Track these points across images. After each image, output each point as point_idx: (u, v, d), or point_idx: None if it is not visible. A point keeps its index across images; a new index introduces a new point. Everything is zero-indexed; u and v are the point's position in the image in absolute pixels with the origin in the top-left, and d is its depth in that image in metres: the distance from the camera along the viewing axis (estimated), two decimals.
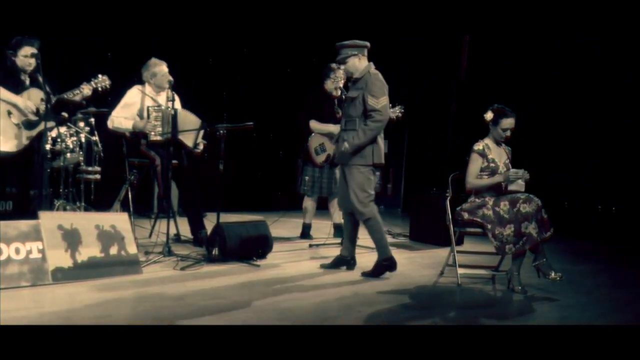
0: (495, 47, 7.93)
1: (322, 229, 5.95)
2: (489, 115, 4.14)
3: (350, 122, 4.22)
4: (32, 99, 4.25)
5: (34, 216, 3.71)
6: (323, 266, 4.46)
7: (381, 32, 8.60)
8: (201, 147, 5.04)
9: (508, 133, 4.11)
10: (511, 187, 3.95)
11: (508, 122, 4.08)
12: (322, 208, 5.99)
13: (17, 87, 4.25)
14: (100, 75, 4.52)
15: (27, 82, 4.32)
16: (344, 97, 5.33)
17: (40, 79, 4.31)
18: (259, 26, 7.87)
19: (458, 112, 8.36)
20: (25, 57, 4.22)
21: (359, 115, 4.16)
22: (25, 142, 4.26)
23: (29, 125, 4.24)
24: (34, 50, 4.23)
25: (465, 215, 4.09)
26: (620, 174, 6.96)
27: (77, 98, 4.44)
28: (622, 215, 6.92)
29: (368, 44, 4.24)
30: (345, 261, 4.45)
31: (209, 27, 7.56)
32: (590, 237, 6.74)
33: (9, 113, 4.18)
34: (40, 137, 4.30)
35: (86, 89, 4.44)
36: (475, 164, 4.10)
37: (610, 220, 7.01)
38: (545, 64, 7.52)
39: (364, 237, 6.02)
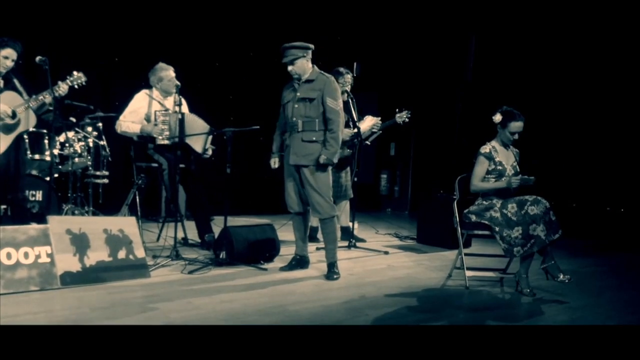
0: (502, 48, 7.91)
1: None
2: (497, 118, 4.12)
3: (309, 123, 4.20)
4: (7, 103, 4.15)
5: (26, 221, 3.69)
6: (282, 269, 4.39)
7: (388, 33, 8.63)
8: (210, 152, 5.05)
9: (516, 136, 4.09)
10: None
11: (517, 126, 4.06)
12: None
13: None
14: (75, 73, 4.42)
15: (1, 84, 4.20)
16: (350, 99, 5.35)
17: (17, 81, 4.23)
18: (264, 29, 7.89)
19: (465, 113, 8.35)
20: (5, 58, 4.11)
21: (318, 115, 4.20)
22: (3, 145, 4.15)
23: (6, 128, 4.16)
24: (13, 55, 4.14)
25: (473, 218, 4.08)
26: (629, 175, 6.92)
27: (54, 95, 4.28)
28: (631, 216, 6.88)
29: (312, 46, 4.26)
30: (303, 261, 4.48)
31: (216, 31, 7.60)
32: (599, 238, 6.70)
33: None
34: (18, 141, 4.24)
35: (62, 88, 4.38)
36: (481, 166, 4.08)
37: (619, 221, 6.97)
38: (546, 65, 7.49)
39: (372, 239, 6.05)
